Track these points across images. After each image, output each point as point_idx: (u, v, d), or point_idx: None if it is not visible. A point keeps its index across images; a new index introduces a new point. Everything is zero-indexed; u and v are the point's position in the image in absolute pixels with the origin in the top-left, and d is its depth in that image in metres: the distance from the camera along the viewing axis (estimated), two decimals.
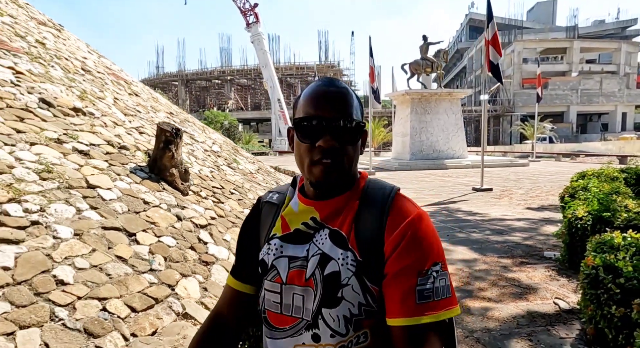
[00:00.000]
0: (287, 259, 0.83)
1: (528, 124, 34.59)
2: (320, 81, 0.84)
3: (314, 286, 0.78)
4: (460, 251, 4.56)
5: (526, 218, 6.38)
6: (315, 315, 0.77)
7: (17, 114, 4.37)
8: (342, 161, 0.79)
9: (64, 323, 2.57)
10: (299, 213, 0.86)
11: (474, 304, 3.12)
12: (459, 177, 12.52)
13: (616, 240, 2.76)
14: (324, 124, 0.77)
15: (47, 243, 3.03)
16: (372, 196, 0.82)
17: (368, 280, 0.75)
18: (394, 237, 0.75)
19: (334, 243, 0.79)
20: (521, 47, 44.88)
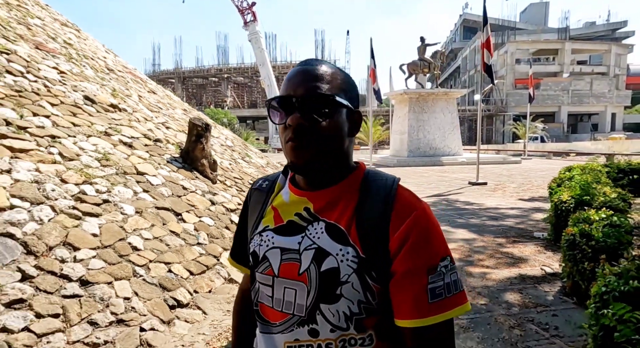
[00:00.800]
0: (279, 251, 0.78)
1: (520, 124, 35.45)
2: (301, 61, 0.80)
3: (307, 281, 0.74)
4: (461, 233, 5.19)
5: (518, 207, 7.03)
6: (311, 310, 0.74)
7: (70, 109, 4.91)
8: (315, 140, 0.73)
9: (144, 279, 3.16)
10: (290, 203, 0.81)
11: (475, 270, 3.74)
12: (455, 173, 13.18)
13: (592, 216, 3.39)
14: (292, 102, 0.73)
15: (118, 218, 3.61)
16: (373, 187, 0.77)
17: (369, 278, 0.72)
18: (400, 233, 0.70)
19: (332, 237, 0.74)
20: (514, 48, 45.76)
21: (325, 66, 0.77)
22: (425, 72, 17.70)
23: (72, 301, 2.63)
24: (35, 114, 4.31)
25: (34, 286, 2.58)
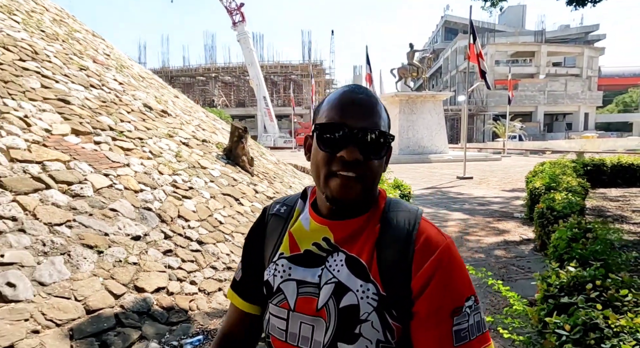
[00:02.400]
0: (295, 283, 0.74)
1: (500, 123, 37.36)
2: (348, 86, 0.76)
3: (327, 317, 0.70)
4: (457, 215, 6.46)
5: (501, 196, 8.36)
6: (329, 347, 0.70)
7: (139, 116, 5.97)
8: (364, 177, 0.70)
9: (232, 243, 4.28)
10: (310, 231, 0.76)
11: (472, 238, 5.00)
12: (443, 169, 14.54)
13: (556, 196, 4.67)
14: (349, 134, 0.69)
15: (202, 200, 4.71)
16: (394, 220, 0.73)
17: (390, 317, 0.68)
18: (424, 272, 0.67)
19: (352, 272, 0.71)
20: (493, 50, 47.78)
21: (375, 98, 0.74)
22: (414, 76, 19.05)
23: (197, 253, 3.75)
24: (121, 120, 5.36)
25: (173, 243, 3.69)
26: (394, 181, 6.13)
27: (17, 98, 4.15)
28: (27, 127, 3.86)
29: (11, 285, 2.49)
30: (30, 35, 5.76)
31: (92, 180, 3.77)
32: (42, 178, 3.40)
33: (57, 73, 5.28)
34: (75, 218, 3.26)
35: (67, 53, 6.21)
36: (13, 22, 5.83)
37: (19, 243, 2.77)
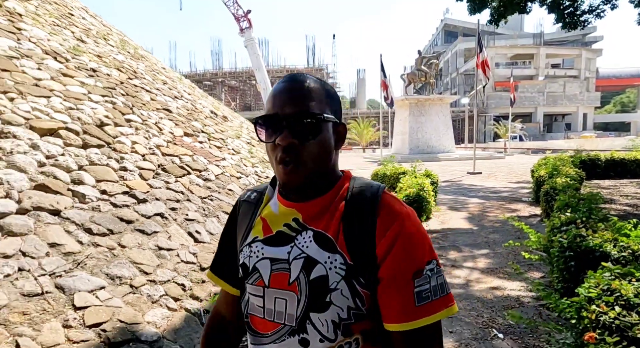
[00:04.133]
0: (269, 261, 0.79)
1: (501, 124, 38.67)
2: (284, 77, 0.79)
3: (298, 290, 0.75)
4: (474, 200, 7.74)
5: (509, 186, 9.63)
6: (301, 319, 0.75)
7: (212, 121, 7.26)
8: (305, 160, 0.74)
9: None
10: (279, 214, 0.82)
11: (489, 214, 6.28)
12: (452, 166, 15.81)
13: (557, 180, 5.95)
14: (281, 121, 0.73)
15: None
16: (358, 195, 0.78)
17: (358, 284, 0.73)
18: (386, 239, 0.72)
19: (320, 246, 0.75)
20: (493, 53, 49.15)
21: (310, 81, 0.77)
22: (422, 80, 20.36)
23: None
24: (205, 125, 6.65)
25: None
26: (425, 171, 7.41)
27: (143, 109, 5.43)
28: (160, 131, 5.14)
29: (198, 232, 3.76)
30: (125, 57, 7.06)
31: (211, 169, 5.05)
32: (184, 167, 4.68)
33: (152, 88, 6.56)
34: (212, 194, 4.54)
35: (150, 70, 7.50)
36: (111, 46, 7.13)
37: (191, 208, 4.04)
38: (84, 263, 2.80)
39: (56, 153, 3.58)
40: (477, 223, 5.95)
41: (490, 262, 4.25)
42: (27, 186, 3.09)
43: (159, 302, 2.84)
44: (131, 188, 3.80)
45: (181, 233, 3.65)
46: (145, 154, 4.46)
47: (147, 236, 3.38)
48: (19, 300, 2.32)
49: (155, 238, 3.41)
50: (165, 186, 4.16)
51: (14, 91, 3.92)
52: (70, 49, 5.53)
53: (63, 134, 3.84)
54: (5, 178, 3.00)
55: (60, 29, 6.02)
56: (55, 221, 2.97)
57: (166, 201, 3.93)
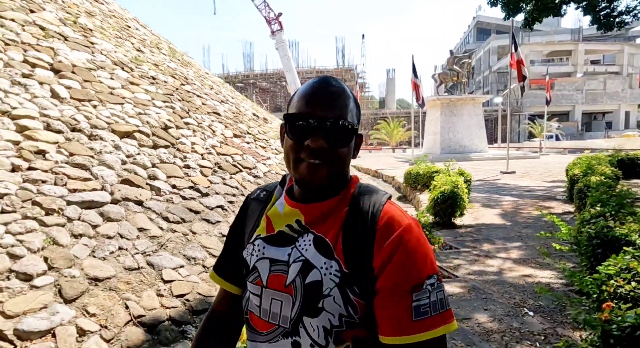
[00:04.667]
0: (268, 261, 0.79)
1: (536, 123, 37.72)
2: (317, 78, 0.79)
3: (293, 293, 0.75)
4: (508, 198, 7.90)
5: (543, 186, 9.67)
6: (295, 322, 0.75)
7: (254, 122, 7.76)
8: (331, 163, 0.75)
9: None
10: (283, 214, 0.82)
11: (523, 212, 6.46)
12: (485, 166, 15.79)
13: (592, 178, 6.07)
14: (315, 123, 0.74)
15: None
16: (362, 203, 0.77)
17: (351, 293, 0.72)
18: (385, 250, 0.70)
19: (318, 250, 0.75)
20: (528, 50, 47.88)
21: (344, 89, 0.78)
22: (454, 80, 20.32)
23: None
24: (249, 126, 7.16)
25: None
26: (458, 170, 7.65)
27: (197, 112, 5.98)
28: (213, 132, 5.67)
29: None
30: (176, 64, 7.68)
31: (259, 167, 5.52)
32: (236, 165, 5.17)
33: (202, 93, 7.13)
34: None
35: (198, 76, 8.11)
36: (163, 55, 7.77)
37: None
38: (166, 245, 3.30)
39: (134, 153, 4.13)
40: (511, 219, 6.15)
41: (522, 253, 4.49)
42: (116, 180, 3.63)
43: None
44: (195, 183, 4.31)
45: None
46: (203, 154, 4.98)
47: (212, 224, 3.87)
48: (123, 272, 2.83)
49: (218, 227, 3.89)
50: (222, 182, 4.66)
51: (95, 99, 4.52)
52: (132, 59, 6.16)
53: (137, 136, 4.39)
54: (99, 173, 3.55)
55: (123, 41, 6.68)
56: (140, 210, 3.50)
57: (224, 195, 4.42)
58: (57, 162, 3.40)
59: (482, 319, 2.84)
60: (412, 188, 9.34)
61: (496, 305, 3.09)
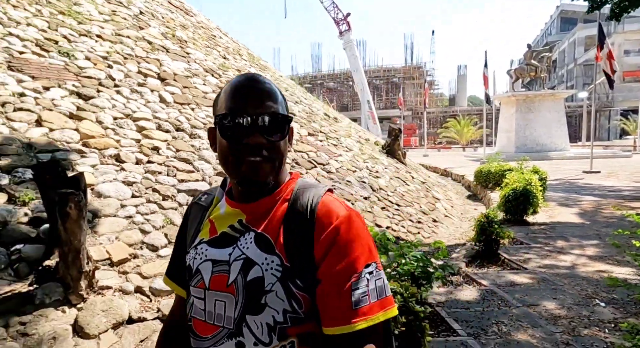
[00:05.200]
0: (210, 263, 0.79)
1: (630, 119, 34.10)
2: (242, 76, 0.78)
3: (235, 292, 0.74)
4: (588, 198, 7.52)
5: (632, 186, 8.98)
6: (238, 322, 0.74)
7: (325, 122, 8.18)
8: (272, 158, 0.75)
9: (416, 208, 6.12)
10: (225, 215, 0.82)
11: (605, 211, 6.17)
12: (565, 165, 14.83)
13: None
14: (250, 120, 0.73)
15: (386, 179, 6.65)
16: (301, 197, 0.77)
17: (294, 287, 0.72)
18: (323, 241, 0.71)
19: (259, 247, 0.75)
20: (622, 39, 43.32)
21: (270, 83, 0.78)
22: (532, 75, 19.23)
23: (397, 211, 5.66)
24: (322, 125, 7.59)
25: (383, 203, 5.65)
26: (533, 168, 7.45)
27: None
28: None
29: None
30: (255, 69, 8.36)
31: (332, 163, 5.93)
32: (311, 161, 5.62)
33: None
34: (335, 184, 5.40)
35: (274, 79, 8.74)
36: (244, 61, 8.50)
37: None
38: None
39: None
40: (589, 218, 5.91)
41: (599, 251, 4.39)
42: (213, 173, 4.22)
43: None
44: None
45: None
46: None
47: None
48: None
49: None
50: None
51: (193, 103, 5.21)
52: (220, 66, 6.88)
53: None
54: (200, 166, 4.16)
55: (211, 50, 7.47)
56: None
57: None
58: (167, 157, 4.06)
59: (550, 306, 2.94)
60: (482, 187, 9.19)
61: (566, 295, 3.16)
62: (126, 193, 3.34)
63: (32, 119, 3.51)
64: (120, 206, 3.18)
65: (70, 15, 5.28)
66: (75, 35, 4.96)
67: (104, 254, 2.72)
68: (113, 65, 4.87)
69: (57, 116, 3.68)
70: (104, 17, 5.78)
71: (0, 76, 3.69)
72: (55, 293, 2.33)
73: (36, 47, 4.36)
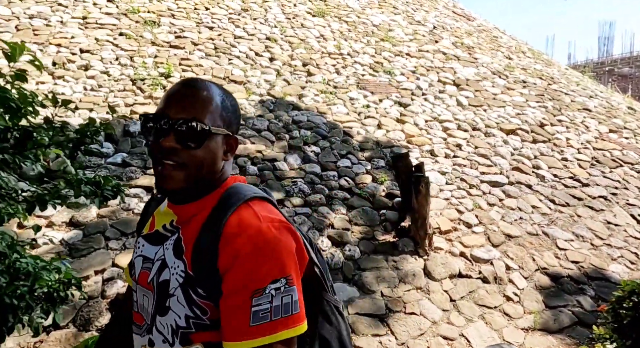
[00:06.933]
0: (141, 258, 0.81)
1: None
2: (181, 80, 0.79)
3: (153, 290, 0.76)
4: None
5: None
6: (152, 319, 0.76)
7: (632, 117, 7.03)
8: (186, 165, 0.73)
9: None
10: (163, 214, 0.84)
11: None
12: None
13: None
14: (167, 123, 0.72)
15: None
16: (222, 204, 0.75)
17: (195, 294, 0.71)
18: (227, 253, 0.69)
19: (174, 250, 0.75)
20: None
21: (206, 90, 0.76)
22: None
23: None
24: (626, 121, 6.65)
25: None
26: None
27: (567, 110, 6.24)
28: (587, 128, 5.81)
29: None
30: (540, 65, 8.07)
31: None
32: (615, 160, 5.17)
33: (568, 90, 7.20)
34: None
35: (562, 74, 8.18)
36: (528, 58, 8.34)
37: (630, 195, 4.55)
38: (555, 222, 3.98)
39: (518, 147, 5.01)
40: None
41: None
42: (508, 167, 4.62)
43: (617, 260, 3.64)
44: (574, 174, 4.75)
45: (624, 214, 4.26)
46: (579, 148, 5.29)
47: (595, 211, 4.22)
48: (525, 235, 3.74)
49: (602, 214, 4.20)
50: (602, 174, 4.84)
51: (485, 105, 5.72)
52: (506, 67, 7.10)
53: (519, 133, 5.26)
54: (497, 161, 4.64)
55: (495, 52, 7.76)
56: (529, 192, 4.33)
57: (605, 187, 4.62)
58: (468, 152, 4.72)
59: None
60: None
61: None
62: (441, 180, 4.18)
63: (375, 124, 4.83)
64: (439, 190, 4.03)
65: (387, 40, 6.71)
66: (392, 56, 6.30)
67: (435, 224, 3.58)
68: (420, 77, 5.93)
69: (389, 121, 4.92)
70: (408, 38, 7.02)
71: (355, 93, 5.23)
72: (409, 245, 3.32)
73: (369, 69, 5.85)
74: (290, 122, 4.50)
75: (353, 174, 4.01)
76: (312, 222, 3.40)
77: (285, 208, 3.48)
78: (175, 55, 5.02)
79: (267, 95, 4.85)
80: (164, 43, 5.19)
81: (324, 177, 3.90)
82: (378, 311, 2.78)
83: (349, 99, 5.15)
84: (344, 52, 6.12)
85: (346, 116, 4.88)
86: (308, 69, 5.51)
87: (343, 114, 4.90)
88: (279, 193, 3.60)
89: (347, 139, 4.48)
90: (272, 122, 4.41)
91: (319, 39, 6.35)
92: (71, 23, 5.03)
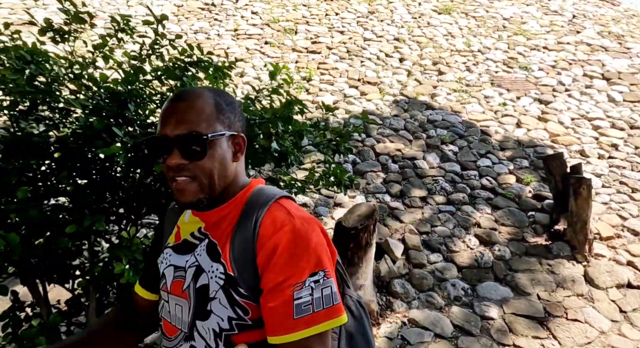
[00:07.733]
0: (172, 268, 0.81)
1: None
2: (172, 95, 0.79)
3: (188, 297, 0.76)
4: None
5: None
6: (190, 326, 0.76)
7: None
8: (198, 176, 0.74)
9: None
10: (188, 223, 0.84)
11: None
12: None
13: None
14: (167, 143, 0.74)
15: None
16: (252, 205, 0.76)
17: (237, 295, 0.71)
18: (265, 251, 0.70)
19: (209, 254, 0.75)
20: None
21: (197, 99, 0.76)
22: None
23: None
24: None
25: None
26: None
27: None
28: None
29: None
30: None
31: None
32: None
33: None
34: None
35: None
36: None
37: None
38: None
39: None
40: None
41: None
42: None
43: None
44: None
45: None
46: None
47: None
48: None
49: None
50: None
51: None
52: None
53: None
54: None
55: None
56: None
57: None
58: (627, 153, 4.26)
59: None
60: None
61: None
62: (597, 183, 3.85)
63: (514, 122, 4.63)
64: (595, 194, 3.72)
65: (521, 34, 6.33)
66: (528, 51, 5.93)
67: (594, 229, 3.33)
68: (561, 72, 5.49)
69: (530, 119, 4.66)
70: (545, 29, 6.53)
71: (490, 91, 5.07)
72: (565, 250, 3.15)
73: (503, 65, 5.60)
74: (425, 122, 4.55)
75: (495, 174, 3.91)
76: (457, 220, 3.41)
77: (429, 205, 3.55)
78: (314, 60, 5.40)
79: (400, 95, 4.96)
80: (303, 49, 5.61)
81: (464, 176, 3.87)
82: (536, 314, 2.70)
83: (484, 97, 5.00)
84: (474, 48, 5.94)
85: (482, 114, 4.75)
86: (438, 68, 5.48)
87: (478, 112, 4.78)
88: (421, 190, 3.68)
89: (485, 138, 4.38)
90: (408, 122, 4.51)
91: (447, 36, 6.25)
92: (225, 35, 5.73)
